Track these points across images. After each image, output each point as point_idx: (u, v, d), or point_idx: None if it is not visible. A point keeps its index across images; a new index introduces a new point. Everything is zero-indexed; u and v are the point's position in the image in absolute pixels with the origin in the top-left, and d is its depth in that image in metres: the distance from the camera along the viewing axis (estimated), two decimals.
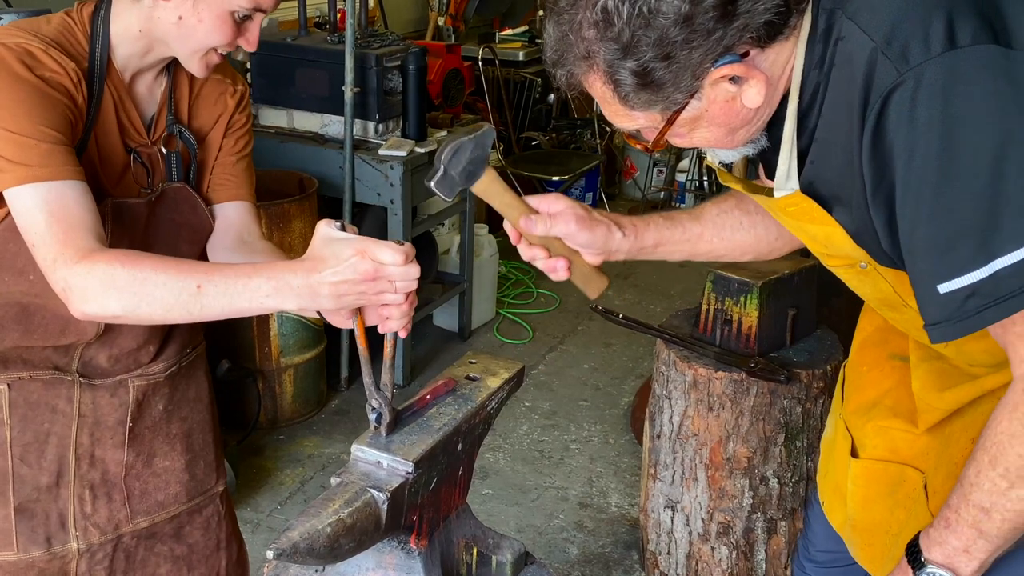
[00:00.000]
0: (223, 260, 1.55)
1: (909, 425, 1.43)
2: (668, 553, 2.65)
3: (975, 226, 1.03)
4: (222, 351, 3.27)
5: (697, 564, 2.60)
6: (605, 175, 6.26)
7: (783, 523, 2.50)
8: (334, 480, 1.30)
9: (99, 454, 1.62)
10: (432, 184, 1.37)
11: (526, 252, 1.46)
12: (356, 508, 1.24)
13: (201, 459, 1.77)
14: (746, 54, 1.11)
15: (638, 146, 1.25)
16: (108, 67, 1.45)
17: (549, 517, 3.13)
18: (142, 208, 1.52)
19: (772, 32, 1.10)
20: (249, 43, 1.46)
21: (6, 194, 1.30)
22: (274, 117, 3.80)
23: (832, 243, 1.26)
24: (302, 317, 3.33)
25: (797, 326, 2.57)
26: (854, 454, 1.51)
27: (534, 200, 1.45)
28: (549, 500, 3.23)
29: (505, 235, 1.50)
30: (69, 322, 1.51)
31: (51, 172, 1.29)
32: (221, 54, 1.48)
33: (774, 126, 1.22)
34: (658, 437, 2.62)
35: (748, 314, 2.50)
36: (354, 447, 1.33)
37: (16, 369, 1.53)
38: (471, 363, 1.62)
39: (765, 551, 2.52)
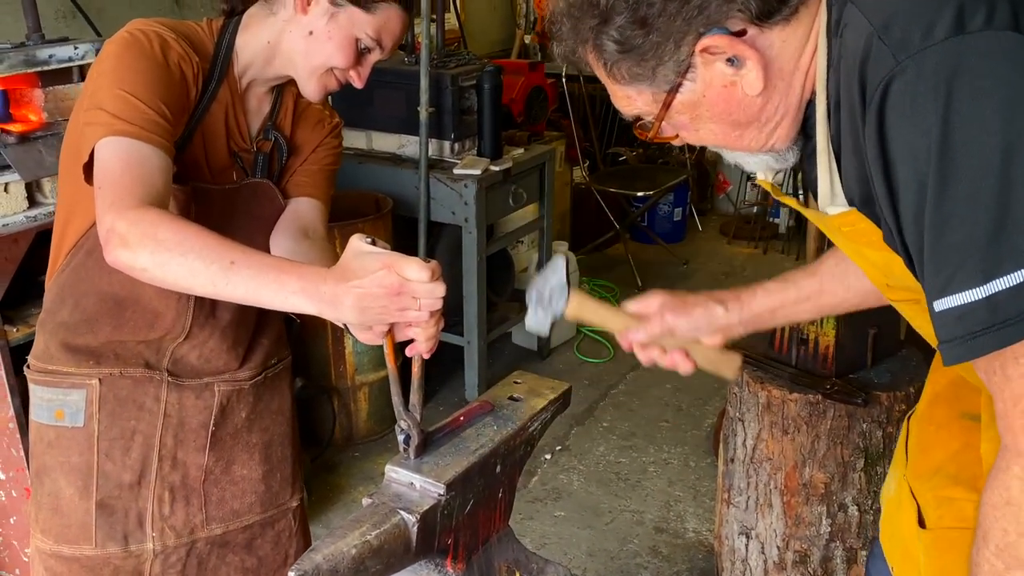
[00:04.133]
0: (281, 247, 1.59)
1: (972, 493, 1.25)
2: None
3: (975, 240, 0.90)
4: (297, 369, 3.30)
5: None
6: (697, 190, 6.14)
7: (863, 552, 2.37)
8: (365, 501, 1.28)
9: (181, 456, 1.67)
10: (526, 327, 1.45)
11: (642, 356, 1.46)
12: (384, 530, 1.23)
13: (278, 472, 1.80)
14: (743, 32, 1.03)
15: (644, 136, 1.16)
16: (228, 71, 1.54)
17: (623, 541, 3.05)
18: (218, 195, 1.58)
19: (767, 9, 1.02)
20: (360, 77, 1.54)
21: (97, 146, 1.34)
22: (354, 139, 3.85)
23: (891, 272, 1.13)
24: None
25: (879, 345, 2.43)
26: (921, 523, 1.35)
27: (631, 306, 1.46)
28: (624, 524, 3.14)
29: (586, 253, 1.51)
30: (157, 315, 1.59)
31: (146, 135, 1.35)
32: (339, 81, 1.54)
33: (810, 139, 1.12)
34: (732, 461, 2.53)
35: (825, 333, 2.38)
36: (388, 467, 1.31)
37: (108, 365, 1.60)
38: (516, 383, 1.59)
39: None
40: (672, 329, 1.43)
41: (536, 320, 1.43)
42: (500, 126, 3.73)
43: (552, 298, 1.41)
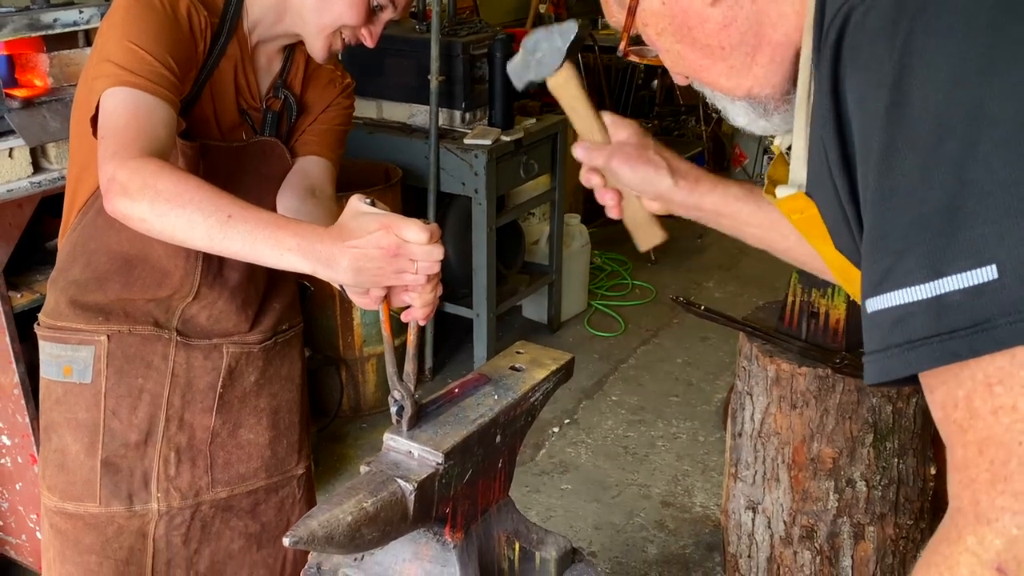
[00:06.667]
0: (288, 206, 1.58)
1: None
2: (749, 556, 2.53)
3: (924, 223, 0.70)
4: (304, 339, 3.29)
5: (779, 568, 2.47)
6: (712, 162, 6.08)
7: (871, 528, 2.35)
8: (363, 468, 1.27)
9: (188, 418, 1.67)
10: (508, 68, 1.35)
11: (584, 176, 1.34)
12: (381, 498, 1.21)
13: (285, 438, 1.80)
14: None
15: (626, 54, 1.06)
16: (237, 26, 1.52)
17: (629, 515, 3.05)
18: (226, 153, 1.57)
19: None
20: (372, 36, 1.53)
21: (103, 97, 1.34)
22: (363, 108, 3.82)
23: (849, 279, 0.95)
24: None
25: None
26: None
27: (607, 118, 1.32)
28: (630, 497, 3.14)
29: (599, 225, 1.44)
30: (165, 274, 1.59)
31: (152, 87, 1.34)
32: (345, 42, 1.53)
33: None
34: (739, 435, 2.50)
35: (836, 307, 2.35)
36: (386, 435, 1.30)
37: (117, 322, 1.60)
38: (519, 353, 1.57)
39: (851, 557, 2.37)
40: (614, 172, 1.29)
41: (520, 68, 1.33)
42: (512, 96, 3.68)
43: (545, 56, 1.31)
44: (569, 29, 1.30)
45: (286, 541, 1.13)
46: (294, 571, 1.84)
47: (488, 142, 3.50)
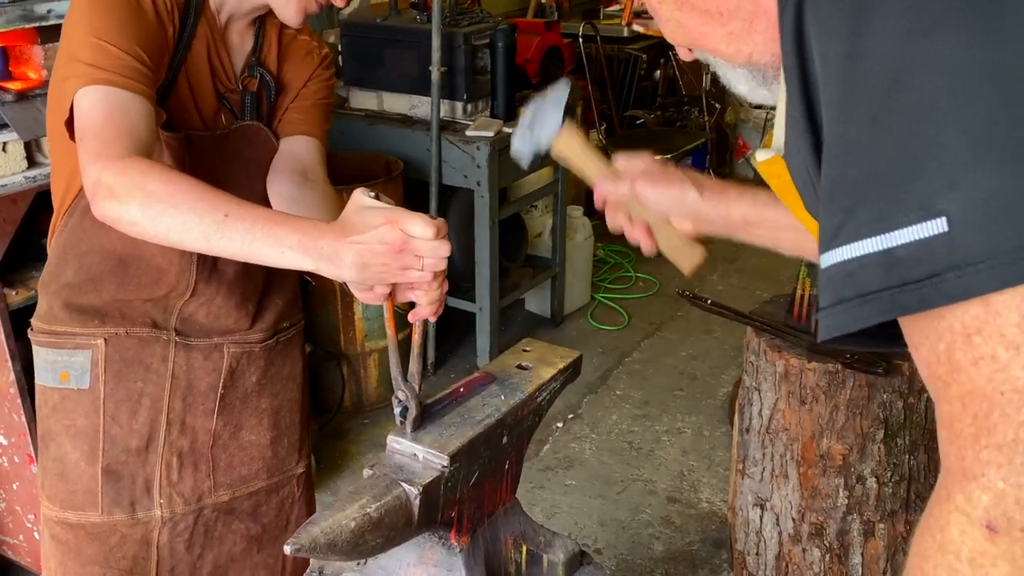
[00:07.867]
0: (281, 192, 1.54)
1: None
2: (757, 553, 2.50)
3: (874, 175, 0.69)
4: (305, 334, 3.26)
5: (787, 566, 2.43)
6: (715, 154, 6.04)
7: (881, 526, 2.31)
8: (366, 472, 1.24)
9: (189, 421, 1.63)
10: (512, 149, 1.34)
11: (610, 219, 1.34)
12: (385, 503, 1.18)
13: (285, 438, 1.77)
14: None
15: (627, 21, 1.06)
16: (204, 6, 1.47)
17: (635, 511, 3.01)
18: (209, 141, 1.52)
19: None
20: None
21: (76, 97, 1.29)
22: (364, 99, 3.78)
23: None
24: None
25: None
26: None
27: (619, 161, 1.33)
28: (636, 493, 3.10)
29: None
30: (161, 272, 1.55)
31: (125, 82, 1.29)
32: (319, 3, 1.47)
33: None
34: (747, 431, 2.47)
35: None
36: (390, 437, 1.26)
37: (114, 324, 1.56)
38: (525, 351, 1.54)
39: (861, 555, 2.34)
40: (640, 196, 1.29)
41: (521, 144, 1.33)
42: (514, 86, 3.64)
43: (543, 125, 1.31)
44: (560, 94, 1.29)
45: (287, 549, 1.09)
46: (295, 571, 1.82)
47: (490, 134, 3.46)
